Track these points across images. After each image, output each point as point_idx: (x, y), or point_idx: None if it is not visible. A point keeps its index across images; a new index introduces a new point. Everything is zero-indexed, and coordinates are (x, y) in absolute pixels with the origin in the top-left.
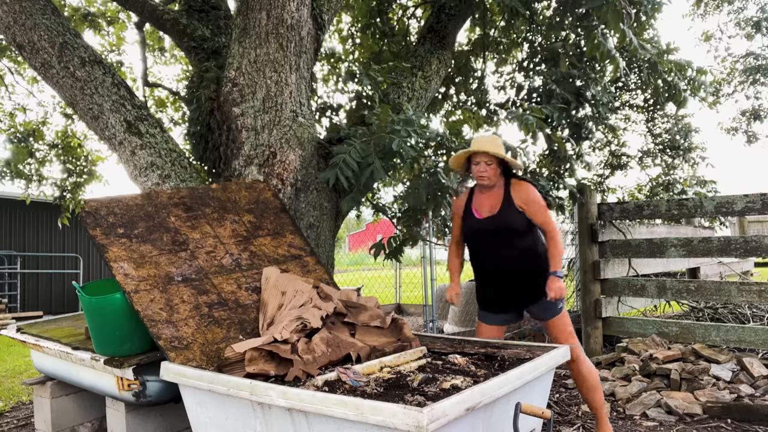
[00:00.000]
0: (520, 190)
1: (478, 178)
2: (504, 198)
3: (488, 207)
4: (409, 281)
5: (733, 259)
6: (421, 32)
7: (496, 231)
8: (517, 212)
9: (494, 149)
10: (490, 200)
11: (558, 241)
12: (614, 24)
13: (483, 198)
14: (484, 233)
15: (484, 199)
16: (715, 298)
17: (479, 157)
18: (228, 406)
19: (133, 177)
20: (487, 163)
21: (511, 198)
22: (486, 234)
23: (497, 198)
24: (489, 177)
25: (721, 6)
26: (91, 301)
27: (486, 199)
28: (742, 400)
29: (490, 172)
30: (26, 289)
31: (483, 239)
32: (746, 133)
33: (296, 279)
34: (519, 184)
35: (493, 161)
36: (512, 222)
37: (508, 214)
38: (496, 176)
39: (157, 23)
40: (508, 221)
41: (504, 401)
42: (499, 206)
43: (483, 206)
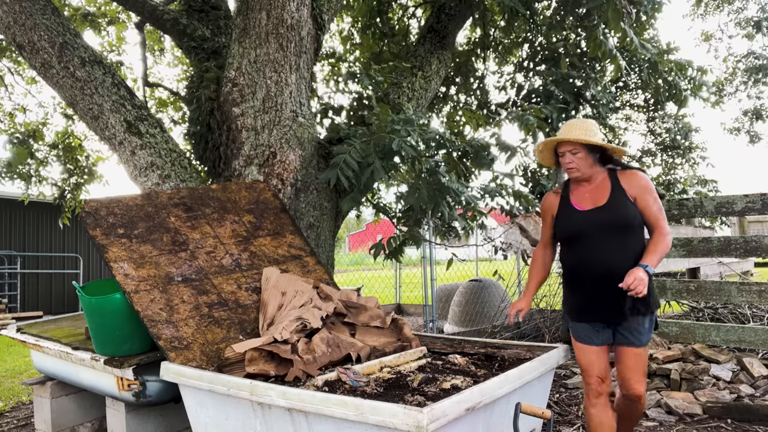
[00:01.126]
0: (632, 178)
1: (567, 171)
2: (612, 187)
3: (592, 199)
4: (409, 281)
5: (733, 259)
6: (421, 32)
7: (604, 226)
8: (630, 203)
9: (578, 135)
10: (594, 193)
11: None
12: (615, 23)
13: (583, 191)
14: (590, 228)
15: (586, 192)
16: (715, 298)
17: (563, 147)
18: (228, 406)
19: (133, 177)
20: (572, 153)
21: (621, 187)
22: (592, 229)
23: (603, 189)
24: (578, 168)
25: (721, 6)
26: (91, 301)
27: (588, 192)
28: (742, 400)
29: (578, 163)
30: (26, 289)
31: (587, 236)
32: (749, 133)
33: (296, 279)
34: (628, 172)
35: (580, 150)
36: (626, 213)
37: (621, 205)
38: (588, 166)
39: (157, 23)
40: (620, 212)
41: (504, 401)
42: (607, 196)
43: (584, 198)
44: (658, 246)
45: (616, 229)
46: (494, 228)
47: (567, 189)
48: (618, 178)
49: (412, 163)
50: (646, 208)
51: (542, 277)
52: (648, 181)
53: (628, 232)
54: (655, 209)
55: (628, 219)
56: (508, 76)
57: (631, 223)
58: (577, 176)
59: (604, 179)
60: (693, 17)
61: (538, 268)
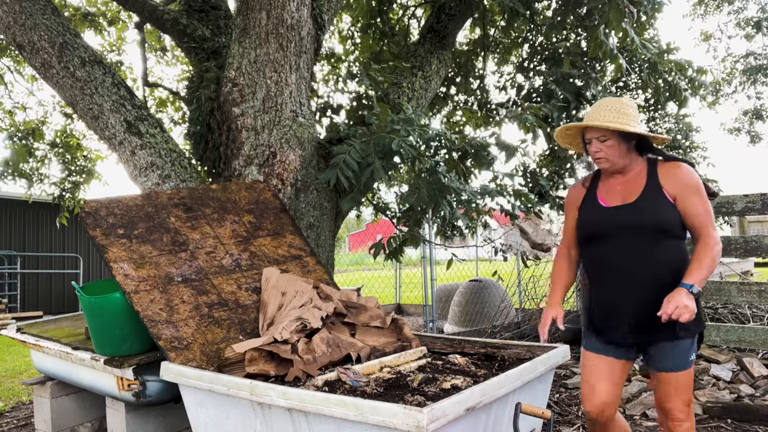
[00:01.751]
0: (674, 171)
1: (595, 162)
2: (648, 182)
3: (621, 194)
4: (409, 281)
5: (733, 259)
6: (421, 32)
7: (631, 228)
8: (666, 202)
9: (607, 121)
10: (626, 186)
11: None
12: (617, 23)
13: (615, 183)
14: (613, 229)
15: (617, 185)
16: (715, 298)
17: (590, 134)
18: (228, 406)
19: (133, 177)
20: (600, 140)
21: (659, 182)
22: (615, 230)
23: (637, 183)
24: (608, 158)
25: (721, 6)
26: (90, 300)
27: (620, 185)
28: (742, 400)
29: (608, 152)
30: (26, 289)
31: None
32: (749, 134)
33: (296, 279)
34: (670, 164)
35: (610, 136)
36: (658, 214)
37: (653, 204)
38: (620, 156)
39: (157, 23)
40: (651, 212)
41: (504, 401)
42: (639, 192)
43: (613, 192)
44: (703, 259)
45: (645, 234)
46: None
47: (596, 180)
48: (657, 170)
49: (412, 163)
50: (689, 210)
51: (568, 280)
52: (694, 177)
53: (660, 238)
54: (700, 212)
55: (661, 222)
56: (508, 76)
57: (665, 227)
58: (606, 167)
59: (641, 171)
60: (693, 17)
61: (562, 269)
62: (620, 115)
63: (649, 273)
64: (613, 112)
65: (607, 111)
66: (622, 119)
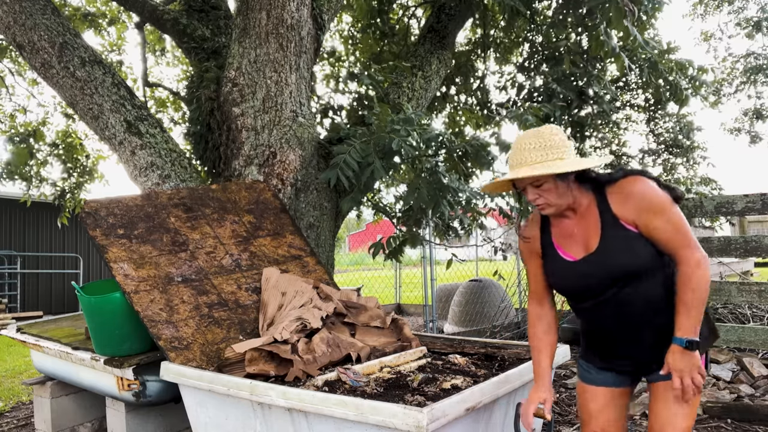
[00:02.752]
0: (624, 195)
1: (538, 209)
2: (602, 218)
3: (581, 239)
4: (409, 281)
5: (733, 259)
6: (421, 32)
7: (604, 280)
8: (631, 237)
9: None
10: (581, 228)
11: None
12: (617, 21)
13: (568, 226)
14: (586, 286)
15: (572, 228)
16: (715, 298)
17: (521, 182)
18: (228, 406)
19: (133, 177)
20: (534, 186)
21: (613, 214)
22: (589, 287)
23: (591, 222)
24: (549, 203)
25: (721, 6)
26: (90, 300)
27: (575, 227)
28: (742, 400)
29: (548, 197)
30: (26, 289)
31: (586, 294)
32: (749, 134)
33: (296, 279)
34: (617, 187)
35: (544, 179)
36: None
37: (618, 247)
38: (561, 196)
39: (157, 23)
40: (620, 259)
41: (504, 401)
42: (598, 235)
43: (572, 239)
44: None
45: (626, 281)
46: (494, 228)
47: (546, 223)
48: (607, 199)
49: (412, 163)
50: (655, 236)
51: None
52: (648, 193)
53: (641, 278)
54: (669, 235)
55: (635, 265)
56: (509, 76)
57: (641, 268)
58: (551, 213)
59: (590, 204)
60: (693, 17)
61: (538, 333)
62: (546, 150)
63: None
64: (537, 150)
65: (530, 152)
66: (551, 154)
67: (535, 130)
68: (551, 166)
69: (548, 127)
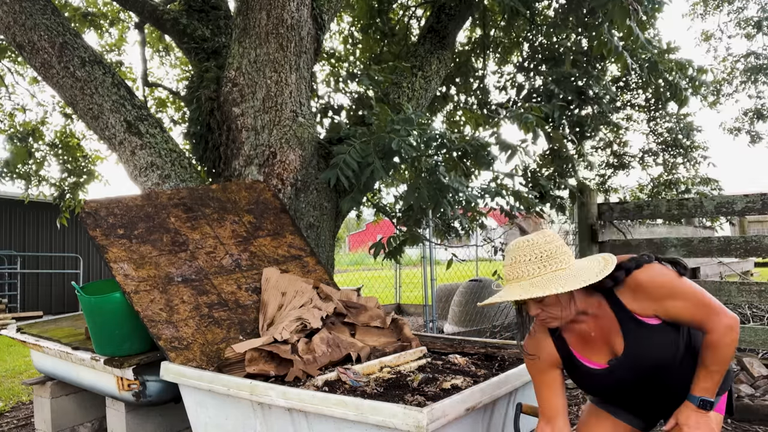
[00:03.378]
0: (638, 292)
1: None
2: (620, 319)
3: (603, 343)
4: (409, 281)
5: (733, 259)
6: (421, 32)
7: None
8: (656, 329)
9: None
10: (599, 332)
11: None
12: (621, 21)
13: (583, 332)
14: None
15: (589, 332)
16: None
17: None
18: (228, 406)
19: (133, 177)
20: (535, 301)
21: (630, 314)
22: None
23: (609, 325)
24: (554, 317)
25: (721, 6)
26: (90, 300)
27: (592, 331)
28: (742, 400)
29: (552, 312)
30: (26, 289)
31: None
32: (749, 133)
33: (296, 279)
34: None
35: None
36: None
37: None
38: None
39: (157, 23)
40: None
41: (504, 401)
42: (620, 338)
43: (592, 345)
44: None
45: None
46: (494, 228)
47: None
48: (620, 300)
49: (412, 163)
50: (677, 317)
51: None
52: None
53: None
54: (690, 311)
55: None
56: (509, 76)
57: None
58: (558, 326)
59: (602, 305)
60: (693, 17)
61: None
62: (543, 262)
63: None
64: (533, 262)
65: (526, 264)
66: (548, 266)
67: (527, 239)
68: (551, 279)
69: (542, 234)
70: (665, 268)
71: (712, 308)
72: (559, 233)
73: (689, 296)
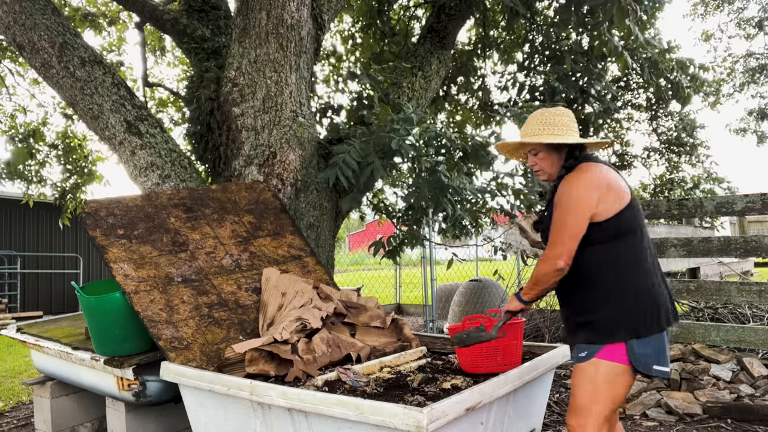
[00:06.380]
0: (564, 181)
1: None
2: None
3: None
4: (409, 281)
5: (733, 259)
6: (421, 32)
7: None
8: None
9: (533, 135)
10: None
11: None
12: (620, 21)
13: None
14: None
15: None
16: (715, 298)
17: (524, 148)
18: (228, 406)
19: (133, 177)
20: (533, 153)
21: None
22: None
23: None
24: (543, 169)
25: (721, 6)
26: (90, 300)
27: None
28: (742, 400)
29: (542, 164)
30: (26, 289)
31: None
32: (756, 134)
33: (296, 280)
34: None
35: (540, 149)
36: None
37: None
38: (553, 166)
39: (157, 23)
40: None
41: (504, 401)
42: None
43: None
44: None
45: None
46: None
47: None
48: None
49: (413, 162)
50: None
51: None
52: (564, 187)
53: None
54: (552, 225)
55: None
56: (509, 76)
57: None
58: (545, 179)
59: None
60: (693, 17)
61: None
62: (546, 126)
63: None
64: (539, 124)
65: (534, 124)
66: (549, 129)
67: (547, 109)
68: (546, 137)
69: (558, 108)
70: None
71: (557, 238)
72: None
73: (560, 217)
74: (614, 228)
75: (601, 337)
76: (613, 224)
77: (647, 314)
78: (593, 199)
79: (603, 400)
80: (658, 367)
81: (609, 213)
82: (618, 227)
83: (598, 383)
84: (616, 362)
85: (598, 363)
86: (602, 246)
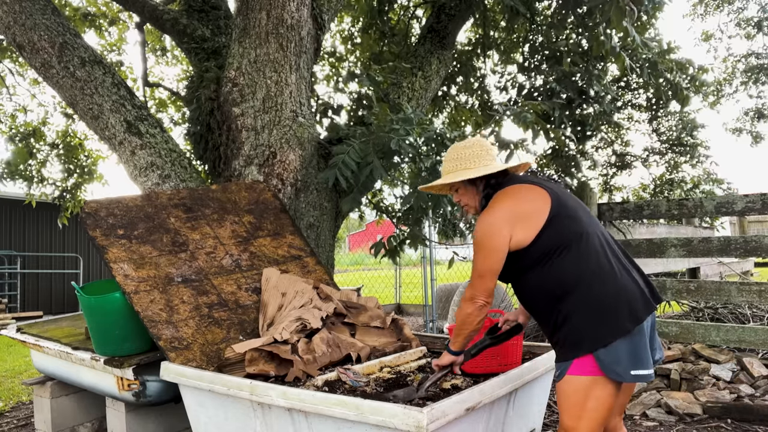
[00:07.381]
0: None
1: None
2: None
3: None
4: (409, 281)
5: (733, 259)
6: (421, 32)
7: None
8: None
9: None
10: None
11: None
12: (617, 22)
13: None
14: None
15: None
16: (715, 298)
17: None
18: (228, 407)
19: (133, 177)
20: (454, 190)
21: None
22: None
23: None
24: (468, 205)
25: (721, 6)
26: (90, 300)
27: None
28: (742, 400)
29: (464, 200)
30: (26, 289)
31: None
32: (751, 134)
33: (296, 280)
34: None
35: (457, 185)
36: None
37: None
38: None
39: (157, 23)
40: None
41: (504, 401)
42: None
43: None
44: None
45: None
46: None
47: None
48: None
49: (413, 162)
50: None
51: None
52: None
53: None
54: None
55: None
56: (509, 76)
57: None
58: (473, 214)
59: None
60: (693, 17)
61: None
62: (459, 161)
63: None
64: (453, 161)
65: (449, 162)
66: (462, 164)
67: (459, 143)
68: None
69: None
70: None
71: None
72: None
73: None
74: (541, 250)
75: (568, 353)
76: (538, 247)
77: (608, 319)
78: (503, 233)
79: (586, 417)
80: (636, 372)
81: (528, 239)
82: (545, 248)
83: (577, 400)
84: (587, 375)
85: (570, 380)
86: (540, 269)
